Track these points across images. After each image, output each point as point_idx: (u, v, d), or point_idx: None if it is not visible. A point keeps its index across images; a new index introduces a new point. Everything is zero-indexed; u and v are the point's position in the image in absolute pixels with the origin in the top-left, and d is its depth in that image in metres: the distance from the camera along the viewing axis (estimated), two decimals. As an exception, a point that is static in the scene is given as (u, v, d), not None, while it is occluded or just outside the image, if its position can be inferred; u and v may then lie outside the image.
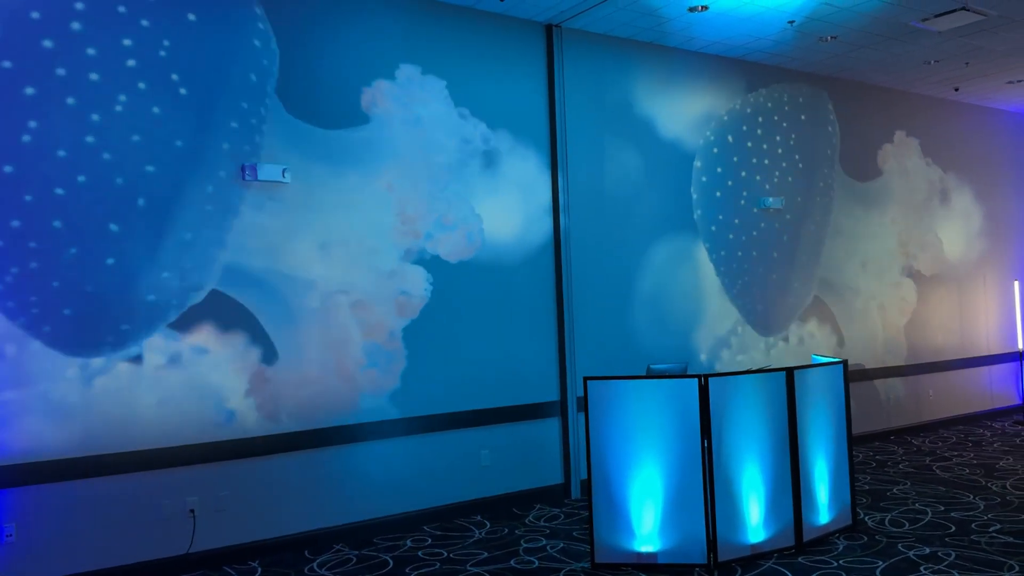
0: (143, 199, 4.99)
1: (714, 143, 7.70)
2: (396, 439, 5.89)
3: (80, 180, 4.80)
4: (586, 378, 4.94)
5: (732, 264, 7.77)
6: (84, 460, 4.78)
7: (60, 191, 4.74)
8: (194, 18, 5.21)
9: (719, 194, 7.70)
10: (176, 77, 5.13)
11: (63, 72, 4.77)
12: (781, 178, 8.16)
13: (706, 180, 7.63)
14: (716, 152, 7.71)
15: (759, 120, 8.04)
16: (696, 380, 4.86)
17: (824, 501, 5.30)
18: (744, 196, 7.86)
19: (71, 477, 4.74)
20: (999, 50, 7.81)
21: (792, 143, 8.28)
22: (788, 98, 8.28)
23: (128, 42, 4.97)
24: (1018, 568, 4.62)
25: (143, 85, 5.02)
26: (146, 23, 5.04)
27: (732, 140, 7.83)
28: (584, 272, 6.82)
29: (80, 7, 4.84)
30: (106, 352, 4.86)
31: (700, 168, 7.59)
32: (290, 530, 5.44)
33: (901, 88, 9.28)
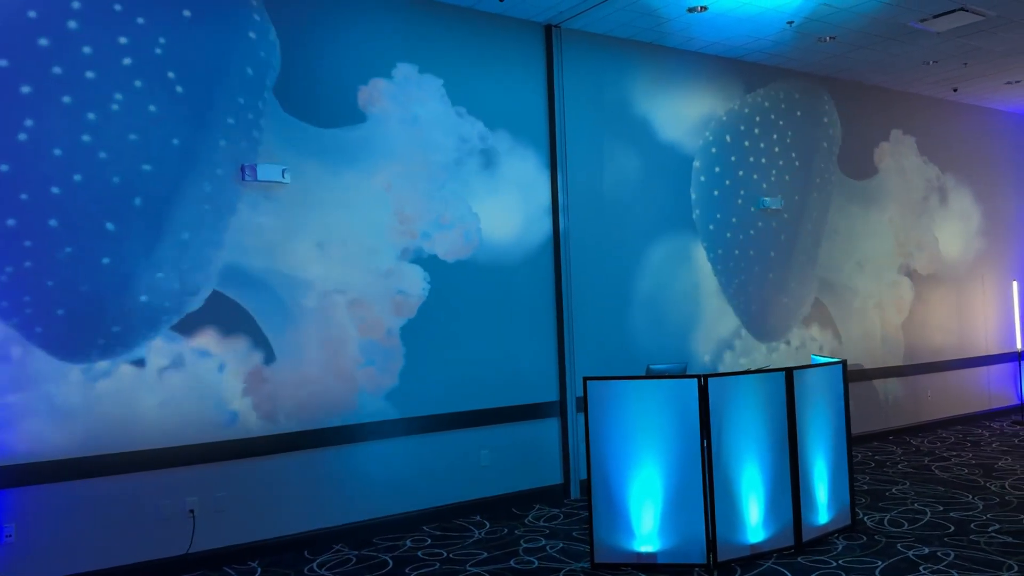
0: (140, 198, 4.99)
1: (713, 143, 7.71)
2: (395, 439, 5.89)
3: (76, 179, 4.80)
4: (586, 378, 4.94)
5: (730, 263, 7.78)
6: (83, 460, 4.78)
7: (56, 190, 4.74)
8: (189, 14, 5.20)
9: (717, 193, 7.71)
10: (172, 75, 5.13)
11: (59, 71, 4.77)
12: (779, 178, 8.16)
13: (704, 180, 7.63)
14: (715, 152, 7.72)
15: (757, 120, 8.05)
16: (695, 380, 4.87)
17: (823, 501, 5.30)
18: (742, 196, 7.87)
19: (70, 477, 4.73)
20: (997, 51, 7.82)
21: (790, 142, 8.28)
22: (787, 98, 8.29)
23: (124, 40, 4.97)
24: (1017, 568, 4.62)
25: (139, 83, 5.01)
26: (142, 21, 5.03)
27: (730, 140, 7.84)
28: (583, 272, 6.82)
29: (77, 6, 4.83)
30: (104, 353, 4.86)
31: (699, 168, 7.60)
32: (290, 530, 5.44)
33: (900, 88, 9.29)
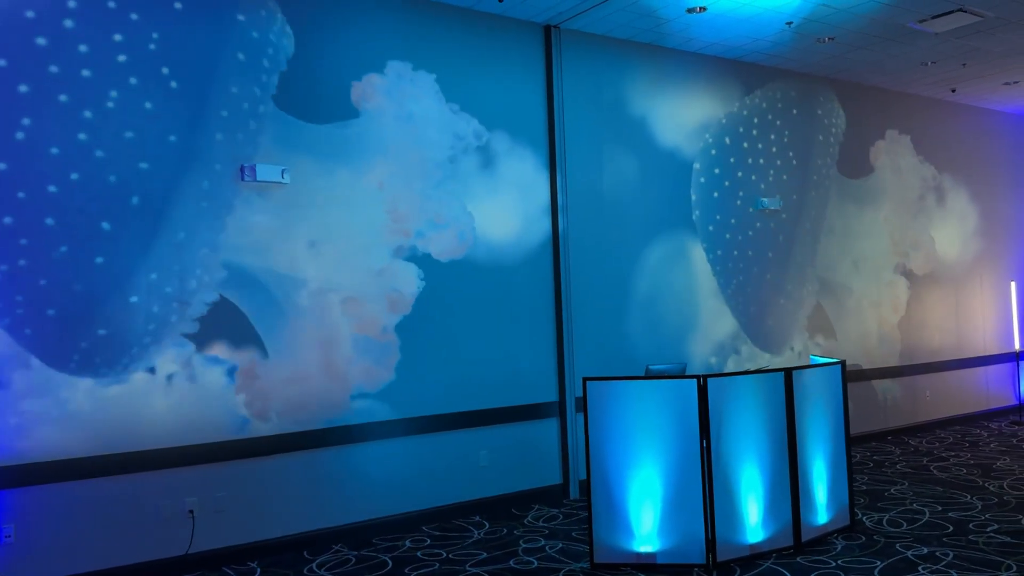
0: (137, 197, 4.99)
1: (713, 145, 7.71)
2: (395, 439, 5.89)
3: (73, 178, 4.80)
4: (585, 378, 4.94)
5: (728, 263, 7.78)
6: (82, 461, 4.77)
7: (53, 188, 4.75)
8: (180, 7, 5.20)
9: (716, 195, 7.71)
10: (167, 70, 5.13)
11: (56, 69, 4.77)
12: (776, 178, 8.17)
13: (704, 181, 7.63)
14: (714, 154, 7.72)
15: (755, 122, 8.05)
16: (695, 381, 4.87)
17: (822, 501, 5.31)
18: (741, 197, 7.87)
19: (70, 478, 4.73)
20: (996, 51, 7.83)
21: (787, 142, 8.28)
22: (785, 98, 8.30)
23: (119, 37, 4.97)
24: (1016, 568, 4.63)
25: (135, 80, 5.02)
26: (135, 17, 5.03)
27: (730, 142, 7.84)
28: (583, 272, 6.82)
29: (73, 5, 4.84)
30: (102, 354, 4.85)
31: (699, 170, 7.60)
32: (289, 530, 5.44)
33: (898, 89, 9.30)
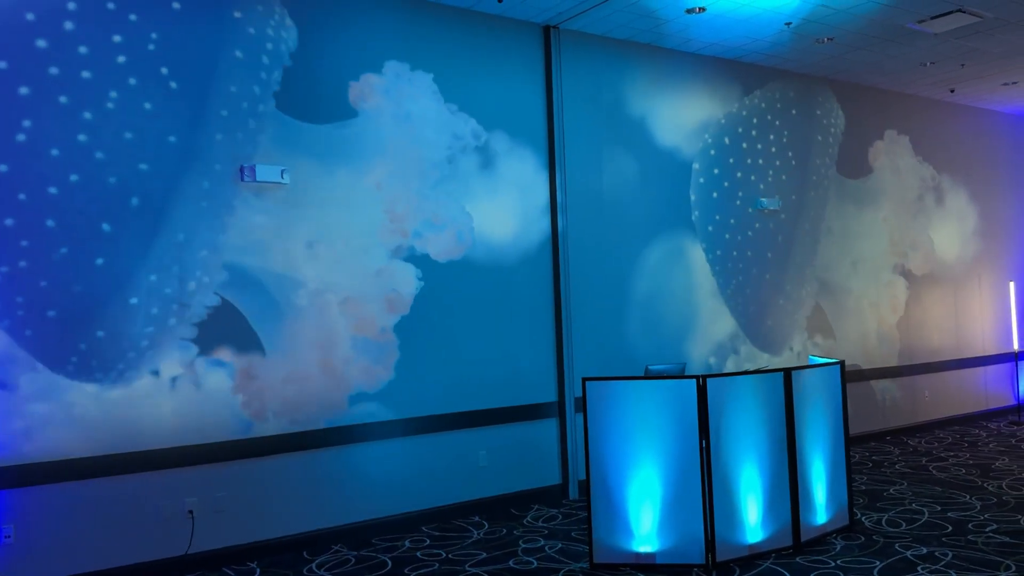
0: (137, 198, 4.99)
1: (711, 145, 7.71)
2: (394, 440, 5.90)
3: (73, 179, 4.81)
4: (585, 379, 4.95)
5: (728, 264, 7.79)
6: (82, 461, 4.78)
7: (54, 190, 4.75)
8: (179, 7, 5.20)
9: (716, 195, 7.71)
10: (166, 70, 5.13)
11: (56, 71, 4.78)
12: (775, 178, 8.17)
13: (703, 182, 7.64)
14: (714, 155, 7.73)
15: (754, 122, 8.06)
16: (694, 381, 4.88)
17: (821, 501, 5.32)
18: (740, 198, 7.88)
19: (69, 478, 4.73)
20: (995, 52, 7.84)
21: (786, 143, 8.29)
22: (784, 99, 8.30)
23: (118, 38, 4.98)
24: (1015, 568, 4.64)
25: (134, 81, 5.02)
26: (134, 17, 5.03)
27: (729, 143, 7.84)
28: (582, 272, 6.83)
29: (72, 7, 4.84)
30: (101, 356, 4.85)
31: (698, 169, 7.60)
32: (289, 531, 5.44)
33: (897, 89, 9.31)
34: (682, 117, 7.53)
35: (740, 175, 7.89)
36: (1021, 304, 10.55)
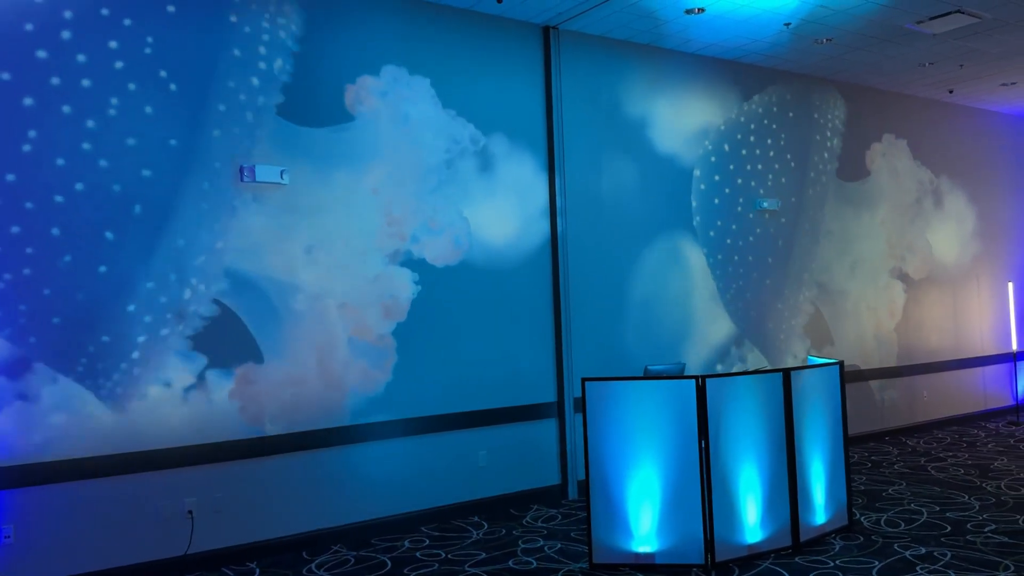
0: (140, 205, 5.00)
1: (712, 151, 7.72)
2: (393, 440, 5.90)
3: (78, 188, 4.82)
4: (584, 379, 4.95)
5: (728, 268, 7.79)
6: (81, 461, 4.78)
7: (59, 199, 4.76)
8: (173, 10, 5.19)
9: (717, 201, 7.71)
10: (164, 73, 5.13)
11: (57, 81, 4.78)
12: (775, 181, 8.18)
13: (704, 185, 7.64)
14: (713, 160, 7.73)
15: (752, 128, 8.06)
16: (693, 381, 4.88)
17: (820, 501, 5.32)
18: (741, 203, 7.88)
19: (68, 479, 4.73)
20: (993, 52, 7.85)
21: (784, 145, 8.30)
22: (782, 101, 8.31)
23: (114, 44, 4.96)
24: (1013, 568, 4.65)
25: (133, 86, 5.01)
26: (128, 22, 5.02)
27: (728, 149, 7.85)
28: (582, 274, 6.83)
29: (68, 15, 4.83)
30: (101, 358, 4.86)
31: (699, 176, 7.61)
32: (288, 531, 5.45)
33: (896, 90, 9.32)
34: (682, 121, 7.53)
35: (740, 181, 7.89)
36: (1020, 304, 10.56)
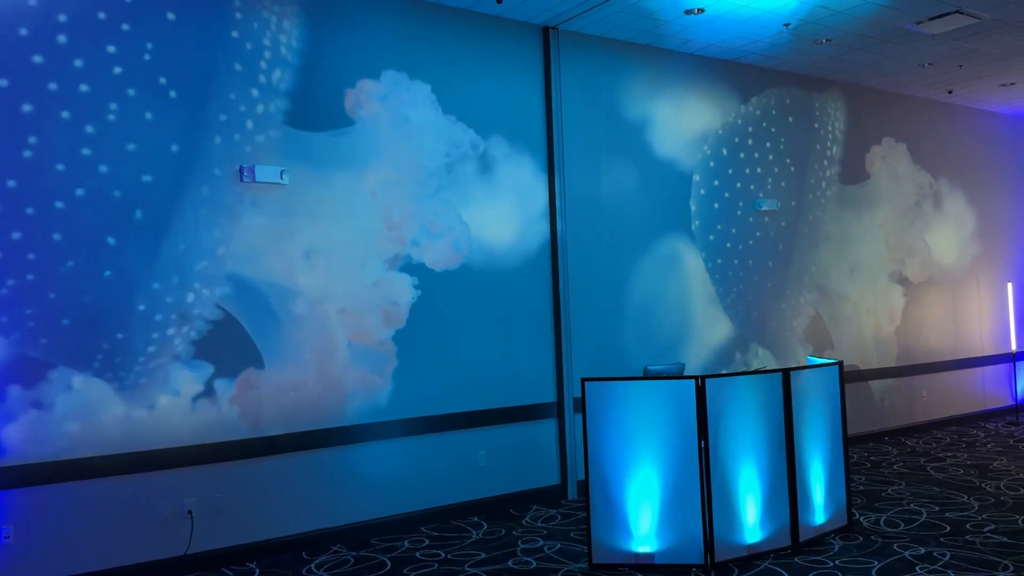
0: (140, 210, 5.00)
1: (710, 156, 7.72)
2: (393, 440, 5.90)
3: (79, 193, 4.82)
4: (584, 379, 4.95)
5: (728, 272, 7.79)
6: (81, 462, 4.78)
7: (60, 204, 4.76)
8: (173, 17, 5.18)
9: (717, 206, 7.72)
10: (164, 80, 5.12)
11: (55, 86, 4.77)
12: (775, 184, 8.18)
13: (704, 193, 7.65)
14: (712, 165, 7.73)
15: (750, 131, 8.06)
16: (693, 381, 4.89)
17: (820, 501, 5.32)
18: (740, 207, 7.88)
19: (68, 479, 4.74)
20: (993, 53, 7.86)
21: (784, 148, 8.30)
22: (783, 105, 8.31)
23: (112, 49, 4.95)
24: (1012, 568, 4.65)
25: (132, 92, 5.00)
26: (127, 27, 5.01)
27: (727, 153, 7.85)
28: (581, 275, 6.83)
29: (63, 19, 4.81)
30: (103, 360, 4.86)
31: (698, 181, 7.61)
32: (288, 531, 5.45)
33: (895, 91, 9.32)
34: (681, 123, 7.53)
35: (740, 185, 7.88)
36: (1019, 305, 10.57)
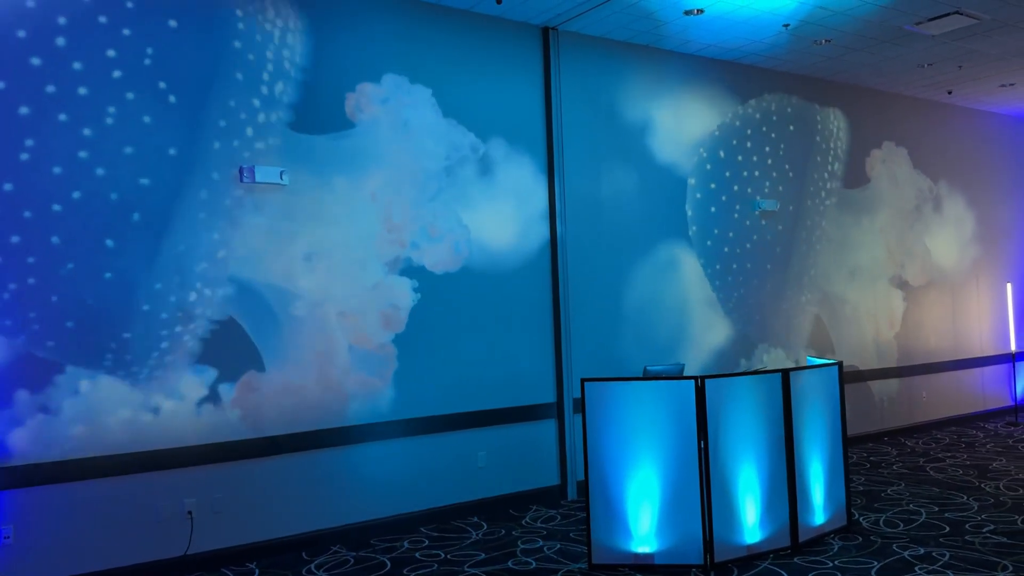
0: (138, 213, 4.99)
1: (707, 159, 7.72)
2: (393, 441, 5.90)
3: (75, 196, 4.80)
4: (583, 379, 4.96)
5: (728, 277, 7.79)
6: (81, 462, 4.78)
7: (57, 207, 4.76)
8: (175, 24, 5.17)
9: (714, 209, 7.72)
10: (164, 85, 5.11)
11: (53, 89, 4.76)
12: (772, 189, 8.18)
13: (699, 194, 7.65)
14: (708, 165, 7.73)
15: (748, 133, 8.06)
16: (692, 381, 4.89)
17: (819, 502, 5.33)
18: (737, 210, 7.88)
19: (68, 479, 4.74)
20: (992, 53, 7.86)
21: (784, 151, 8.30)
22: (782, 106, 8.31)
23: (112, 53, 4.95)
24: (1012, 568, 4.65)
25: (132, 95, 5.00)
26: (128, 32, 5.00)
27: (723, 155, 7.85)
28: (581, 277, 6.83)
29: (62, 21, 4.81)
30: (109, 359, 4.86)
31: (693, 185, 7.61)
32: (288, 531, 5.45)
33: (895, 91, 9.33)
34: (681, 123, 7.53)
35: (737, 188, 7.88)
36: (1018, 305, 10.58)
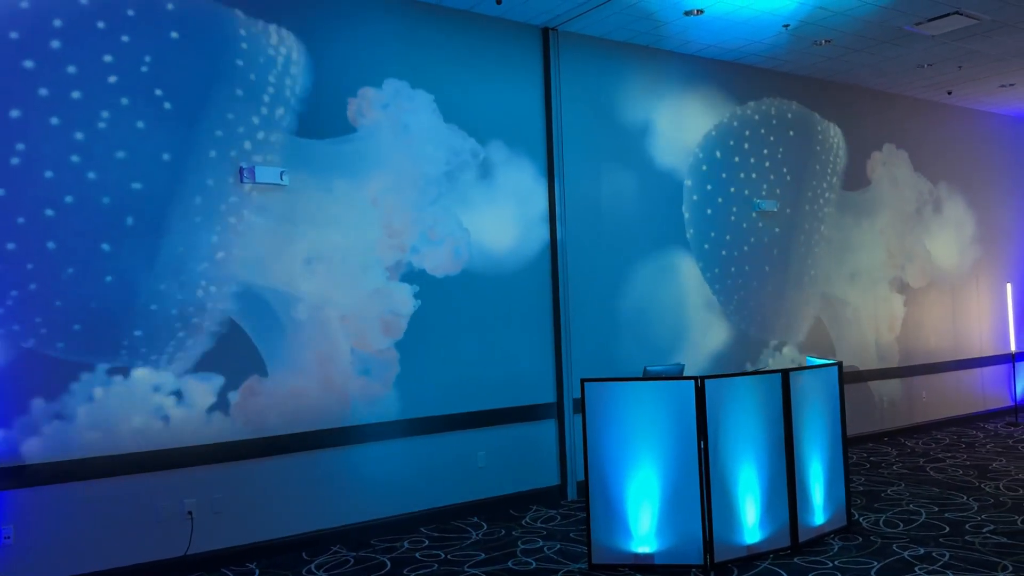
0: (132, 217, 4.98)
1: (703, 159, 7.72)
2: (393, 441, 5.90)
3: (68, 200, 4.79)
4: (583, 380, 4.96)
5: (727, 280, 7.78)
6: (81, 462, 4.78)
7: (50, 212, 4.75)
8: (176, 36, 5.15)
9: (709, 212, 7.72)
10: (160, 92, 5.09)
11: (45, 92, 4.74)
12: (770, 191, 8.17)
13: (696, 196, 7.65)
14: (705, 170, 7.74)
15: (747, 134, 8.06)
16: (692, 382, 4.89)
17: (819, 502, 5.33)
18: (735, 213, 7.88)
19: (68, 479, 4.74)
20: (992, 54, 7.87)
21: (784, 152, 8.30)
22: (782, 108, 8.30)
23: (109, 58, 4.93)
24: (1012, 568, 4.66)
25: (126, 100, 4.97)
26: (126, 39, 4.99)
27: (720, 156, 7.85)
28: (580, 278, 6.83)
29: (58, 24, 4.80)
30: (101, 363, 4.87)
31: (689, 187, 7.61)
32: (288, 532, 5.45)
33: (894, 92, 9.33)
34: (682, 120, 7.53)
35: (734, 190, 7.87)
36: (1018, 306, 10.58)
